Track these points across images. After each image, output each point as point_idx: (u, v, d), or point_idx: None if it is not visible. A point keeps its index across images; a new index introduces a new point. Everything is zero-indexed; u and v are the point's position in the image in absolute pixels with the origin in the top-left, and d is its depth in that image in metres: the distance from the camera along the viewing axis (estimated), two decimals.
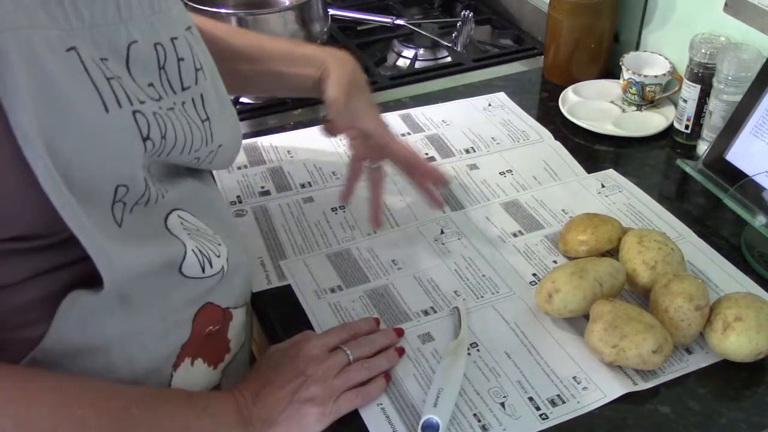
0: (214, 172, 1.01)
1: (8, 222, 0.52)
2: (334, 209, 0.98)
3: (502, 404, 0.72)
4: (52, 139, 0.49)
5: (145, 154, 0.57)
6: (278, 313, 0.83)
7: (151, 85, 0.59)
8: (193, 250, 0.64)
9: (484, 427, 0.70)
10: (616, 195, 1.00)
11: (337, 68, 0.84)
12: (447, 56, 1.40)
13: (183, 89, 0.63)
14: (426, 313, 0.82)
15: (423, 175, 0.91)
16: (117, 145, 0.55)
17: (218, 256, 0.67)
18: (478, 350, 0.78)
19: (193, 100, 0.64)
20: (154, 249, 0.61)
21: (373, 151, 0.91)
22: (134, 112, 0.56)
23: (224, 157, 0.70)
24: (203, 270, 0.65)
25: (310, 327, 0.80)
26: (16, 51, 0.47)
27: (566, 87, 1.21)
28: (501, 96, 1.23)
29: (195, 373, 0.69)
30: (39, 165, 0.48)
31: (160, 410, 0.61)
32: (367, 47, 1.43)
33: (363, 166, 0.93)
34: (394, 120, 1.16)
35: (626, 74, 1.15)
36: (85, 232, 0.53)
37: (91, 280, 0.56)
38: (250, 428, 0.66)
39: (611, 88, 1.22)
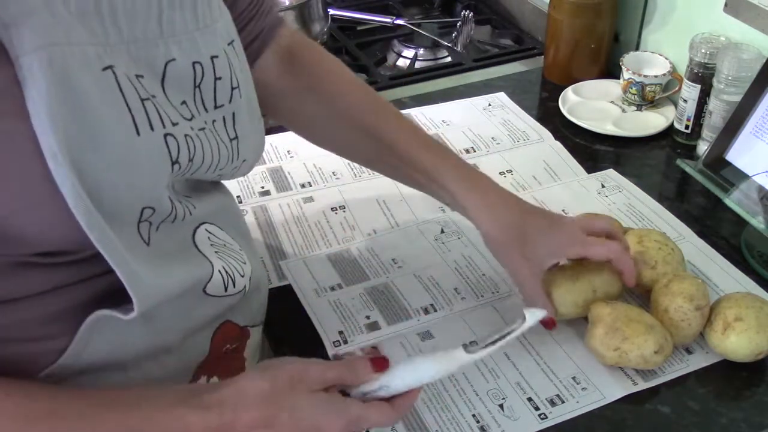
0: None
1: (36, 240, 0.51)
2: (334, 209, 0.98)
3: (501, 405, 0.72)
4: (80, 160, 0.49)
5: (171, 175, 0.57)
6: (279, 313, 0.83)
7: (183, 103, 0.58)
8: (219, 271, 0.63)
9: (482, 428, 0.70)
10: (616, 195, 1.00)
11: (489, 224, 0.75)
12: (447, 56, 1.40)
13: (215, 108, 0.61)
14: (426, 311, 0.82)
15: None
16: (145, 168, 0.54)
17: (242, 276, 0.66)
18: None
19: (224, 118, 0.62)
20: (183, 268, 0.60)
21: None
22: (166, 135, 0.55)
23: (244, 170, 0.69)
24: (226, 289, 0.65)
25: (310, 326, 0.81)
26: (48, 71, 0.47)
27: (566, 87, 1.21)
28: (501, 96, 1.23)
29: None
30: (67, 185, 0.48)
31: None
32: (367, 47, 1.43)
33: None
34: None
35: (626, 74, 1.15)
36: (116, 254, 0.52)
37: (114, 293, 0.55)
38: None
39: (611, 88, 1.22)
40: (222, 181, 0.73)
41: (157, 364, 0.62)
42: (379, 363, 0.61)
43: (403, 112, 1.18)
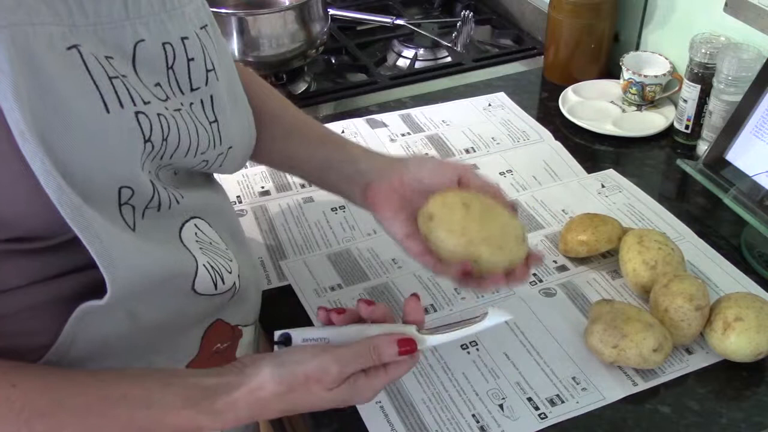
0: None
1: (10, 222, 0.51)
2: (334, 209, 0.98)
3: (501, 405, 0.72)
4: (49, 137, 0.49)
5: (145, 155, 0.56)
6: (279, 313, 0.83)
7: (158, 84, 0.58)
8: (204, 266, 0.63)
9: (482, 428, 0.70)
10: (616, 195, 1.00)
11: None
12: (447, 56, 1.40)
13: (192, 90, 0.61)
14: (426, 311, 0.82)
15: None
16: (117, 145, 0.54)
17: (230, 272, 0.66)
18: (477, 350, 0.78)
19: (201, 101, 0.62)
20: (164, 256, 0.59)
21: None
22: (137, 113, 0.55)
23: (235, 160, 0.68)
24: (216, 286, 0.64)
25: (311, 326, 0.80)
26: (11, 49, 0.47)
27: (566, 87, 1.21)
28: (501, 96, 1.23)
29: None
30: (36, 163, 0.48)
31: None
32: (367, 47, 1.43)
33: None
34: (394, 120, 1.16)
35: (626, 74, 1.15)
36: (88, 231, 0.52)
37: (97, 289, 0.55)
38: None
39: (611, 88, 1.22)
40: (217, 180, 0.73)
41: (147, 363, 0.62)
42: (407, 344, 0.61)
43: (403, 112, 1.18)
